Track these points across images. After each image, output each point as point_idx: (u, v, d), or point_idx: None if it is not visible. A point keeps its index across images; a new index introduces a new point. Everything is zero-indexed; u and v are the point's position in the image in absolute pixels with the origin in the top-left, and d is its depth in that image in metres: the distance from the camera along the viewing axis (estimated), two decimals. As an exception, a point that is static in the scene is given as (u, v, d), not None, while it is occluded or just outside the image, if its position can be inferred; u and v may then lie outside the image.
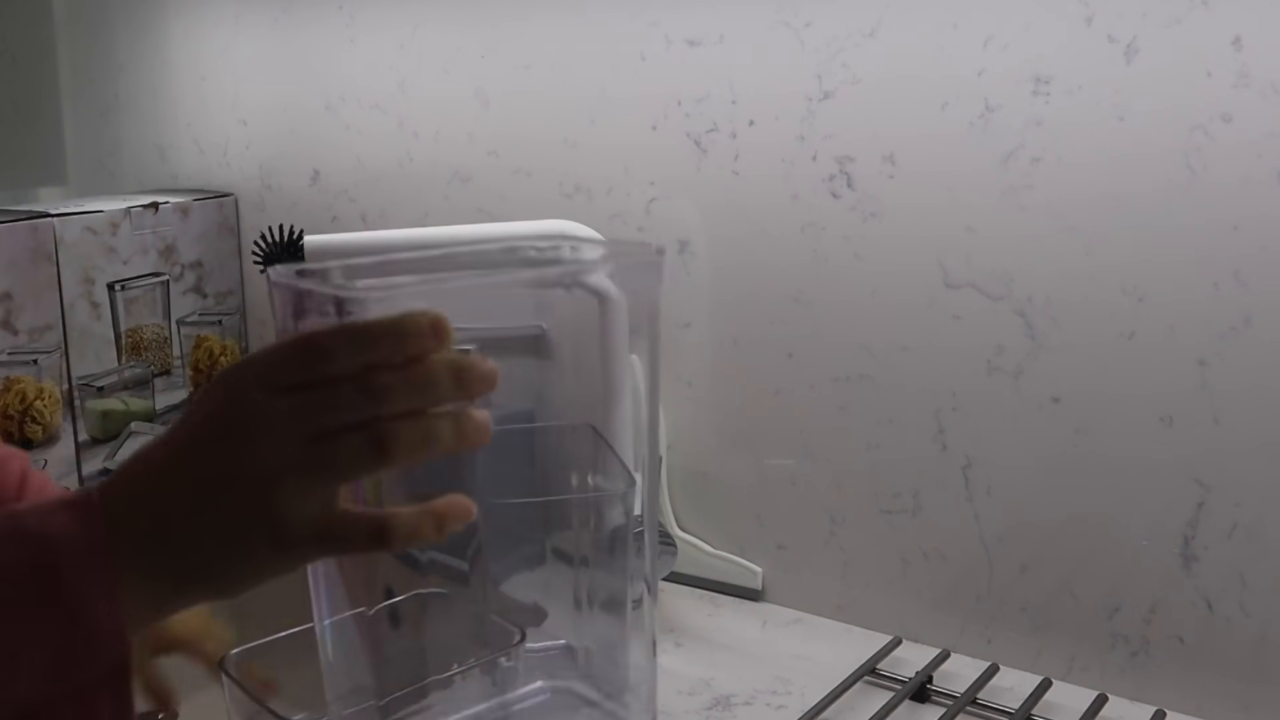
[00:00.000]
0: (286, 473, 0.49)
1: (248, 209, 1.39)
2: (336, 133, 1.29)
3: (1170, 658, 0.87)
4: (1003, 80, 0.87)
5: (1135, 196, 0.83)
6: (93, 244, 1.25)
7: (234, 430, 0.50)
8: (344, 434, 0.49)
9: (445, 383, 0.50)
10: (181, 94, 1.43)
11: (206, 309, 1.37)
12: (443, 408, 0.51)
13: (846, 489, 1.00)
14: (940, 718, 0.85)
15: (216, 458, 0.50)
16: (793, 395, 1.01)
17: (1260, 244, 0.79)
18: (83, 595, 0.48)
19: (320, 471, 0.50)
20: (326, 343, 0.50)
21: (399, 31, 1.21)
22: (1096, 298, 0.86)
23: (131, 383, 1.30)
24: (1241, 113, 0.79)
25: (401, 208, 1.25)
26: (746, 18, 0.98)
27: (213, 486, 0.50)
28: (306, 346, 0.50)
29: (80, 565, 0.48)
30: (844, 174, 0.95)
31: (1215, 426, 0.83)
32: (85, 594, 0.48)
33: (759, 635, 1.00)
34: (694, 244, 1.05)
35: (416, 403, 0.50)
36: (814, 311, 0.99)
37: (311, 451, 0.49)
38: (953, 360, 0.93)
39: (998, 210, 0.89)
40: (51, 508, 0.50)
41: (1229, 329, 0.81)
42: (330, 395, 0.49)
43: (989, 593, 0.94)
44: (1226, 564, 0.84)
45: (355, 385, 0.49)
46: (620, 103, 1.07)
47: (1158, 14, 0.80)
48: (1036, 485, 0.91)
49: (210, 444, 0.50)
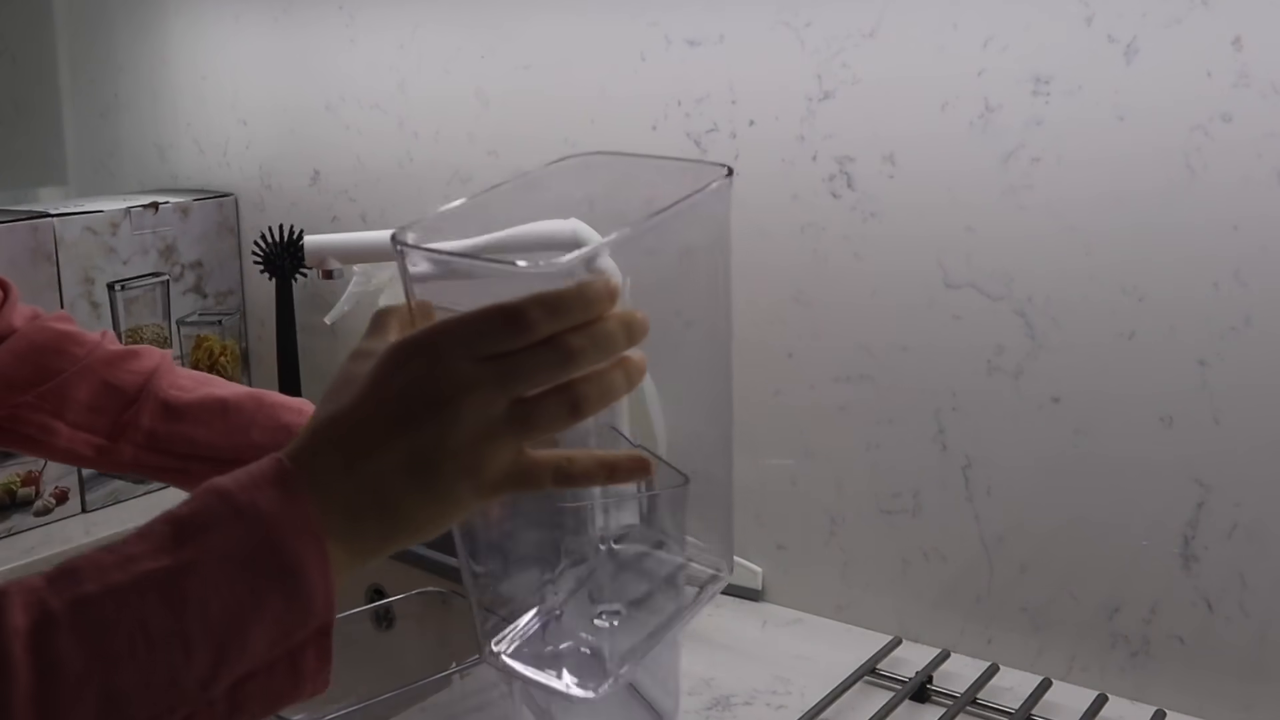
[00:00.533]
0: (494, 434, 0.53)
1: (248, 209, 1.39)
2: (336, 133, 1.29)
3: (1170, 658, 0.87)
4: (1003, 80, 0.87)
5: (1135, 196, 0.83)
6: (93, 244, 1.25)
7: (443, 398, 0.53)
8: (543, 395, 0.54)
9: (621, 337, 0.55)
10: (181, 94, 1.43)
11: (206, 309, 1.37)
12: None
13: (846, 489, 1.00)
14: (940, 718, 0.85)
15: (425, 426, 0.53)
16: (793, 395, 1.01)
17: (1260, 244, 0.79)
18: (301, 568, 0.51)
19: (525, 430, 0.54)
20: (529, 312, 0.53)
21: (399, 31, 1.21)
22: (1096, 297, 0.86)
23: (131, 383, 1.30)
24: (1241, 113, 0.79)
25: (401, 208, 1.25)
26: (746, 18, 0.98)
27: (422, 453, 0.53)
28: (511, 316, 0.53)
29: (296, 541, 0.51)
30: (844, 174, 0.95)
31: (1215, 426, 0.83)
32: (303, 567, 0.51)
33: (759, 635, 1.00)
34: (694, 244, 1.05)
35: (601, 359, 0.55)
36: (814, 311, 0.99)
37: (516, 411, 0.53)
38: (953, 360, 0.93)
39: (998, 210, 0.89)
40: (257, 482, 0.52)
41: (1229, 329, 0.81)
42: (532, 359, 0.53)
43: (989, 593, 0.94)
44: (1226, 564, 0.84)
45: (552, 349, 0.53)
46: (620, 103, 1.07)
47: (1158, 14, 0.80)
48: (1036, 485, 0.91)
49: (418, 412, 0.53)
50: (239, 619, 0.50)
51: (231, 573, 0.50)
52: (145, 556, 0.50)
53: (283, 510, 0.51)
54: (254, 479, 0.52)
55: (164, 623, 0.49)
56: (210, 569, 0.50)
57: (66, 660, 0.47)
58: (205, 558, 0.50)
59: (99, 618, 0.48)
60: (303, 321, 1.31)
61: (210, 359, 1.38)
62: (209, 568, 0.50)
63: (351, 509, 0.53)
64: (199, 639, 0.49)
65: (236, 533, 0.51)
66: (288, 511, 0.51)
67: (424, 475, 0.53)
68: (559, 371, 0.54)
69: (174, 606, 0.49)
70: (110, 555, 0.50)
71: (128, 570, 0.49)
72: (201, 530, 0.51)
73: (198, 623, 0.49)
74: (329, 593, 0.52)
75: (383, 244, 1.05)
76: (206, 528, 0.51)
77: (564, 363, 0.54)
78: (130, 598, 0.49)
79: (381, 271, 1.18)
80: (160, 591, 0.49)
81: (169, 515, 0.52)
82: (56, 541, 1.17)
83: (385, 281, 1.18)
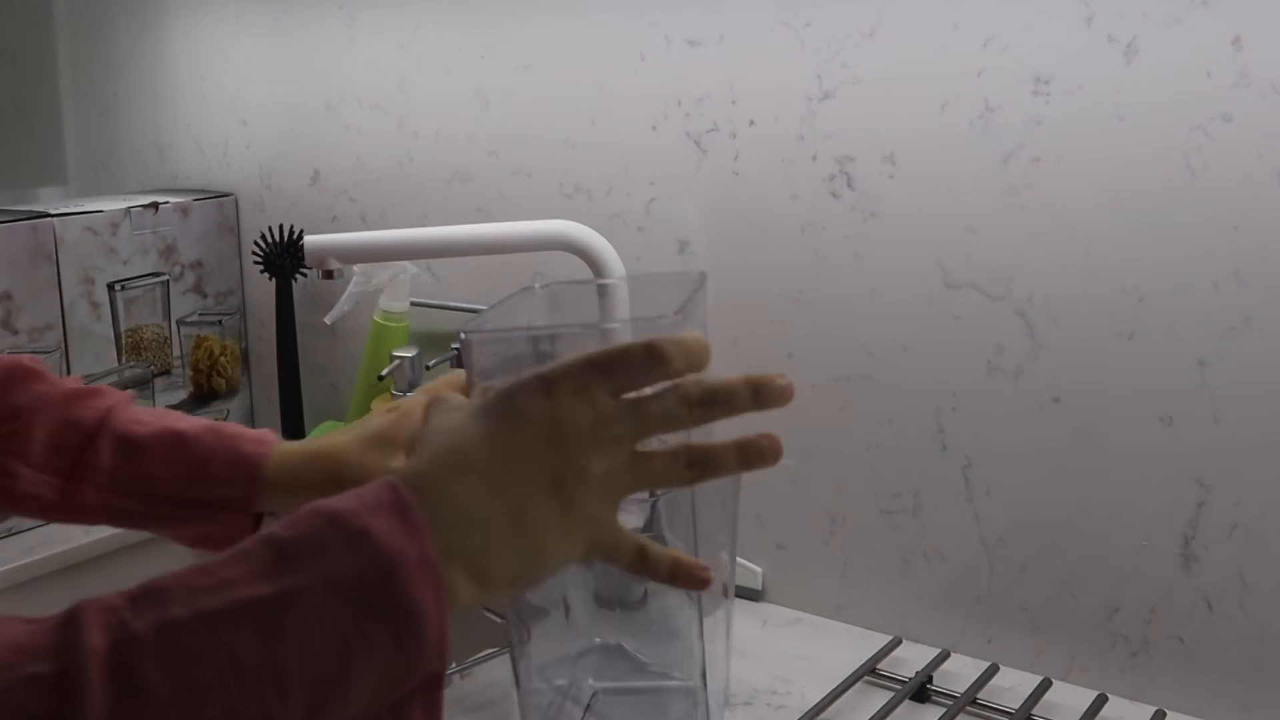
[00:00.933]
0: (613, 478, 0.52)
1: (248, 209, 1.39)
2: (336, 133, 1.29)
3: (1170, 658, 0.87)
4: (1003, 80, 0.87)
5: (1135, 196, 0.83)
6: (93, 244, 1.25)
7: (586, 430, 0.51)
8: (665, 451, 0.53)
9: (746, 396, 0.54)
10: (181, 94, 1.43)
11: (206, 309, 1.37)
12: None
13: (846, 489, 1.00)
14: (940, 718, 0.85)
15: (574, 455, 0.51)
16: (793, 395, 1.01)
17: (1260, 244, 0.79)
18: (417, 607, 0.47)
19: (640, 482, 0.53)
20: (667, 347, 0.52)
21: (399, 31, 1.21)
22: (1096, 297, 0.86)
23: (131, 383, 1.30)
24: (1241, 113, 0.79)
25: (401, 208, 1.25)
26: (746, 18, 0.98)
27: (564, 481, 0.51)
28: (653, 350, 0.52)
29: (413, 576, 0.47)
30: (844, 174, 0.95)
31: (1215, 426, 0.83)
32: (419, 606, 0.47)
33: (759, 635, 1.00)
34: (694, 244, 1.05)
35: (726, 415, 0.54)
36: (814, 311, 0.99)
37: (636, 460, 0.52)
38: (953, 360, 0.93)
39: (998, 210, 0.89)
40: (370, 508, 0.48)
41: (1229, 329, 0.81)
42: (661, 404, 0.52)
43: (989, 593, 0.94)
44: (1226, 564, 0.84)
45: (681, 395, 0.53)
46: (620, 103, 1.07)
47: (1158, 14, 0.80)
48: (1036, 485, 0.91)
49: (564, 441, 0.51)
50: (343, 659, 0.46)
51: (338, 606, 0.46)
52: (242, 581, 0.46)
53: (401, 541, 0.47)
54: (366, 504, 0.48)
55: (258, 657, 0.45)
56: (314, 601, 0.46)
57: (148, 686, 0.44)
58: (310, 587, 0.46)
59: (187, 645, 0.45)
60: (303, 321, 1.31)
61: (210, 359, 1.38)
62: (313, 599, 0.46)
63: (466, 552, 0.49)
64: (296, 679, 0.45)
65: (347, 561, 0.46)
66: (406, 543, 0.47)
67: (538, 516, 0.51)
68: (682, 421, 0.53)
69: (271, 640, 0.45)
70: (203, 577, 0.46)
71: (222, 595, 0.45)
72: (307, 556, 0.46)
73: (296, 660, 0.45)
74: (443, 638, 0.48)
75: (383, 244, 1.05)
76: (313, 553, 0.46)
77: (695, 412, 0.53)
78: (223, 626, 0.45)
79: (381, 272, 1.18)
80: (257, 622, 0.45)
81: (270, 537, 0.47)
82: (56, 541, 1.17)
83: (385, 281, 1.19)
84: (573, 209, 1.11)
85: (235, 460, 0.76)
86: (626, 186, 1.08)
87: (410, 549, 0.47)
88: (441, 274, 1.23)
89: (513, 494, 0.50)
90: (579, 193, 1.11)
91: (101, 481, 0.77)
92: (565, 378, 0.52)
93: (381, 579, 0.46)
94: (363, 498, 0.48)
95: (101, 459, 0.77)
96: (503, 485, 0.50)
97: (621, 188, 1.08)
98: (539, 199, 1.13)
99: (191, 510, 0.77)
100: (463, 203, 1.20)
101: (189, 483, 0.76)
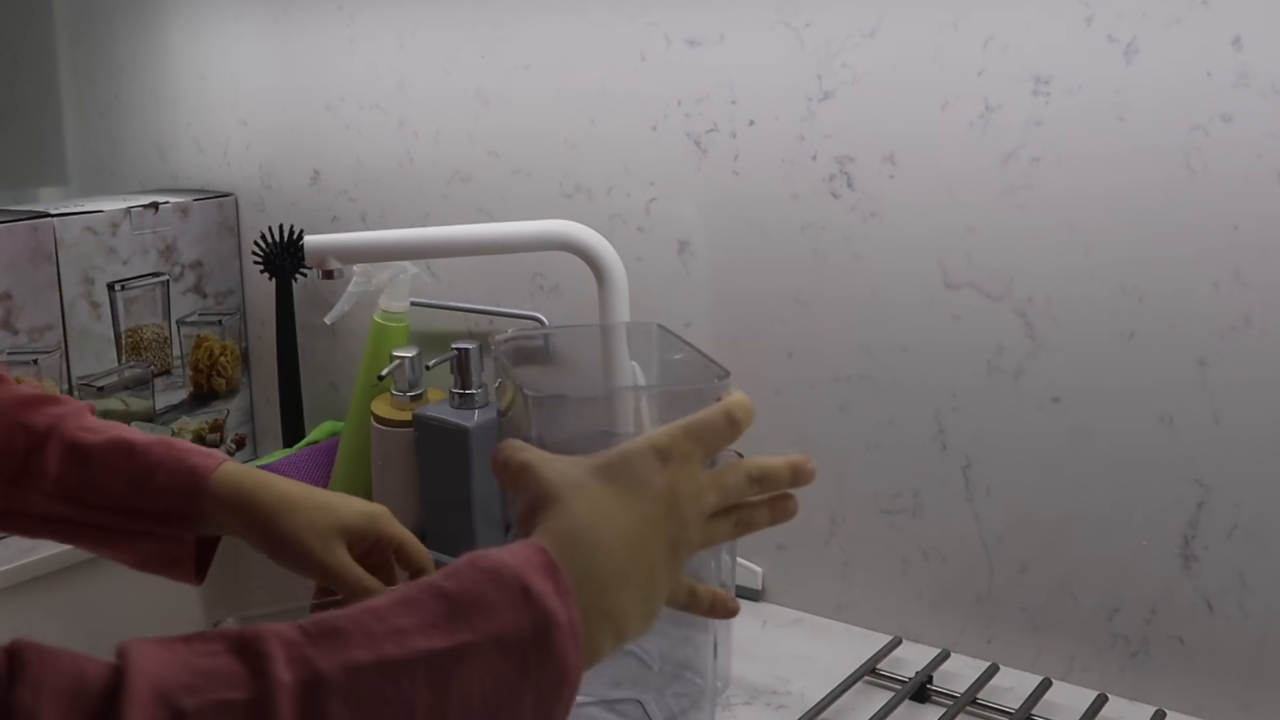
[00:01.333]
0: (699, 543, 0.59)
1: (248, 209, 1.39)
2: (336, 133, 1.29)
3: (1170, 658, 0.87)
4: (1003, 80, 0.87)
5: (1135, 196, 0.83)
6: (93, 244, 1.25)
7: (690, 495, 0.58)
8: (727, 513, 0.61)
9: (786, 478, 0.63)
10: (181, 94, 1.43)
11: (206, 309, 1.37)
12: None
13: (846, 489, 1.00)
14: (940, 718, 0.85)
15: (671, 529, 0.57)
16: (793, 395, 1.01)
17: (1260, 244, 0.79)
18: (564, 669, 0.50)
19: (708, 541, 0.60)
20: (736, 412, 0.61)
21: (399, 31, 1.21)
22: (1096, 297, 0.86)
23: (131, 383, 1.30)
24: (1241, 113, 0.79)
25: (401, 208, 1.25)
26: (746, 18, 0.98)
27: (666, 554, 0.57)
28: (731, 419, 0.61)
29: (562, 636, 0.50)
30: (844, 174, 0.95)
31: (1215, 426, 0.83)
32: (566, 667, 0.50)
33: (759, 635, 1.00)
34: (694, 244, 1.05)
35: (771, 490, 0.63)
36: (814, 311, 0.99)
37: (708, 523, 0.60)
38: (953, 360, 0.93)
39: (998, 210, 0.89)
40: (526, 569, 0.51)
41: (1229, 329, 0.81)
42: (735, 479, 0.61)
43: (989, 593, 0.94)
44: (1226, 564, 0.84)
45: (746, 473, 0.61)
46: (620, 103, 1.07)
47: (1158, 14, 0.80)
48: (1036, 485, 0.91)
49: (680, 506, 0.58)
50: (494, 714, 0.48)
51: (497, 663, 0.48)
52: (416, 632, 0.48)
53: (556, 603, 0.50)
54: (523, 564, 0.51)
55: (429, 705, 0.47)
56: (479, 656, 0.48)
57: None
58: (477, 644, 0.48)
59: (372, 691, 0.46)
60: (303, 321, 1.31)
61: (210, 359, 1.38)
62: (479, 655, 0.48)
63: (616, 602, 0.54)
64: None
65: (511, 620, 0.49)
66: (559, 605, 0.50)
67: (674, 565, 0.57)
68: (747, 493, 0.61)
69: (439, 691, 0.47)
70: (377, 622, 0.48)
71: (401, 645, 0.47)
72: (477, 612, 0.49)
73: (458, 713, 0.48)
74: (574, 695, 0.51)
75: (383, 244, 1.05)
76: (483, 611, 0.49)
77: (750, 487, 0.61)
78: (401, 674, 0.47)
79: (381, 272, 1.18)
80: (430, 673, 0.47)
81: (435, 588, 0.50)
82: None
83: (385, 281, 1.19)
84: (573, 209, 1.11)
85: (180, 470, 0.76)
86: (626, 186, 1.08)
87: (561, 611, 0.50)
88: (441, 274, 1.23)
89: (643, 558, 0.55)
90: (579, 193, 1.11)
91: (47, 489, 0.76)
92: (674, 447, 0.58)
93: (538, 639, 0.49)
94: (518, 557, 0.51)
95: (49, 465, 0.76)
96: (637, 551, 0.55)
97: (621, 188, 1.08)
98: (539, 199, 1.13)
99: (136, 522, 0.75)
100: (463, 203, 1.20)
101: (133, 492, 0.76)
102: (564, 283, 1.14)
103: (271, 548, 0.74)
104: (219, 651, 0.46)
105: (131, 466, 0.76)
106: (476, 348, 1.10)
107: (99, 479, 0.76)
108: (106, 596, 1.16)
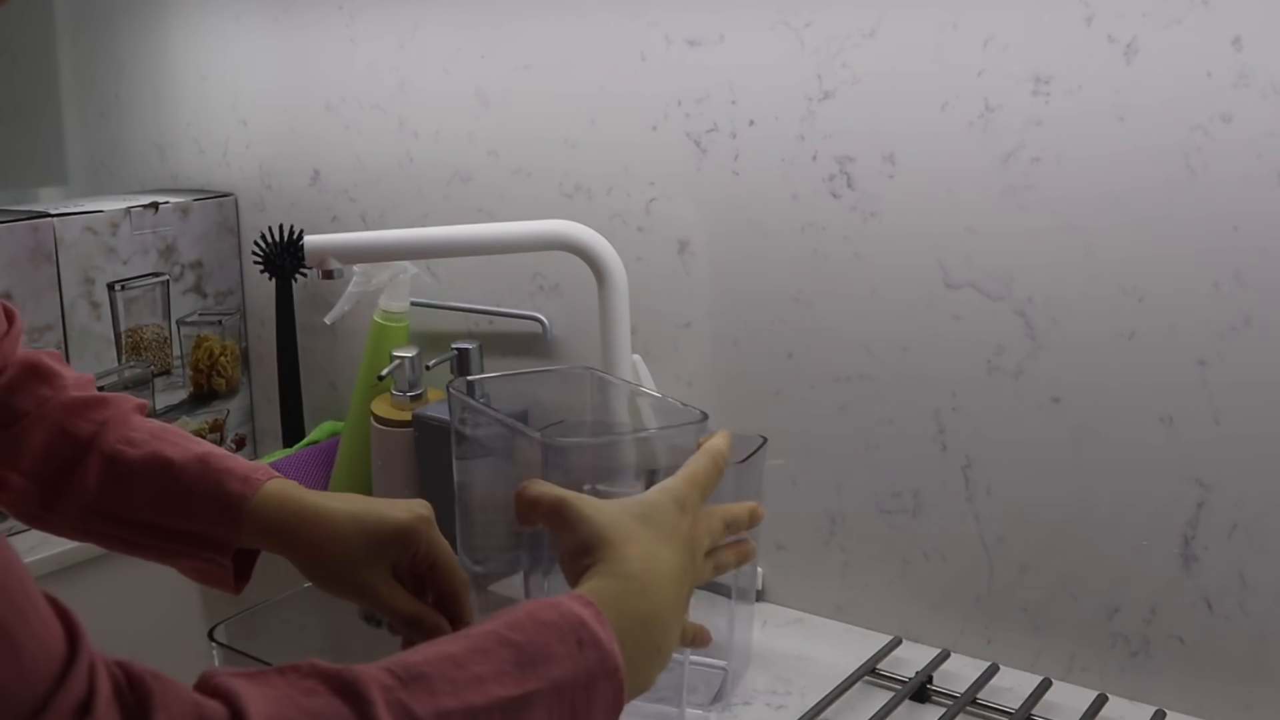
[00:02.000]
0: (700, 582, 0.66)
1: (248, 209, 1.39)
2: (336, 133, 1.29)
3: (1170, 658, 0.87)
4: (1003, 80, 0.87)
5: (1135, 196, 0.83)
6: (93, 244, 1.25)
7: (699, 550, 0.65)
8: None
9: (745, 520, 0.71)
10: (181, 94, 1.43)
11: (206, 309, 1.37)
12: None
13: (846, 489, 1.00)
14: (940, 718, 0.85)
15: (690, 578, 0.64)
16: (793, 395, 1.01)
17: (1260, 244, 0.79)
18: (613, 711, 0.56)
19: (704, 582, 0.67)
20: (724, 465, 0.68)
21: (399, 31, 1.21)
22: (1096, 297, 0.86)
23: (131, 383, 1.30)
24: (1241, 113, 0.79)
25: (401, 208, 1.25)
26: (746, 18, 0.98)
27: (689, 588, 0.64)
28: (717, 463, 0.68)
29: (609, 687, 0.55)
30: (844, 174, 0.95)
31: (1215, 426, 0.83)
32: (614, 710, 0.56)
33: (759, 635, 1.00)
34: (694, 244, 1.05)
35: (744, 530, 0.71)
36: (814, 311, 0.99)
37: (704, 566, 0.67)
38: (952, 360, 0.93)
39: (998, 210, 0.89)
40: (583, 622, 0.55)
41: (1229, 329, 0.81)
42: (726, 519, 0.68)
43: (989, 593, 0.94)
44: (1226, 564, 0.84)
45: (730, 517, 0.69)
46: (620, 102, 1.07)
47: (1158, 14, 0.80)
48: (1036, 485, 0.91)
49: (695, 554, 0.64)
50: None
51: (554, 709, 0.53)
52: (492, 680, 0.52)
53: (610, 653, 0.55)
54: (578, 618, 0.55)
55: None
56: (545, 701, 0.53)
57: None
58: (541, 691, 0.53)
59: None
60: (303, 321, 1.31)
61: (210, 359, 1.38)
62: (542, 700, 0.53)
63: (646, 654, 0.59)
64: None
65: (570, 669, 0.54)
66: (610, 654, 0.55)
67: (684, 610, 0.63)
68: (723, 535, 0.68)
69: None
70: (457, 670, 0.51)
71: (481, 692, 0.51)
72: (544, 662, 0.53)
73: None
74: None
75: (383, 244, 1.05)
76: (548, 660, 0.53)
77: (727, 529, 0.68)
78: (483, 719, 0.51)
79: (381, 272, 1.18)
80: (505, 717, 0.51)
81: (503, 637, 0.53)
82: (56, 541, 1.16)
83: (385, 281, 1.19)
84: (573, 209, 1.11)
85: (218, 499, 0.74)
86: (626, 186, 1.08)
87: (609, 661, 0.55)
88: (441, 274, 1.23)
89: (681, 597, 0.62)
90: (579, 192, 1.11)
91: (86, 502, 0.75)
92: (688, 497, 0.65)
93: (589, 687, 0.54)
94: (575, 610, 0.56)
95: (88, 479, 0.75)
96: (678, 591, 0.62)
97: (621, 188, 1.08)
98: (539, 199, 1.13)
99: (173, 543, 0.75)
100: (463, 203, 1.20)
101: (168, 515, 0.75)
102: (564, 283, 1.14)
103: (313, 578, 0.75)
104: (320, 691, 0.48)
105: (168, 488, 0.75)
106: (477, 348, 1.10)
107: (135, 498, 0.75)
108: (108, 596, 1.16)
